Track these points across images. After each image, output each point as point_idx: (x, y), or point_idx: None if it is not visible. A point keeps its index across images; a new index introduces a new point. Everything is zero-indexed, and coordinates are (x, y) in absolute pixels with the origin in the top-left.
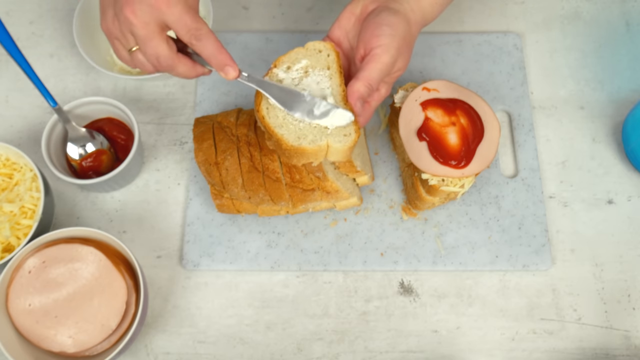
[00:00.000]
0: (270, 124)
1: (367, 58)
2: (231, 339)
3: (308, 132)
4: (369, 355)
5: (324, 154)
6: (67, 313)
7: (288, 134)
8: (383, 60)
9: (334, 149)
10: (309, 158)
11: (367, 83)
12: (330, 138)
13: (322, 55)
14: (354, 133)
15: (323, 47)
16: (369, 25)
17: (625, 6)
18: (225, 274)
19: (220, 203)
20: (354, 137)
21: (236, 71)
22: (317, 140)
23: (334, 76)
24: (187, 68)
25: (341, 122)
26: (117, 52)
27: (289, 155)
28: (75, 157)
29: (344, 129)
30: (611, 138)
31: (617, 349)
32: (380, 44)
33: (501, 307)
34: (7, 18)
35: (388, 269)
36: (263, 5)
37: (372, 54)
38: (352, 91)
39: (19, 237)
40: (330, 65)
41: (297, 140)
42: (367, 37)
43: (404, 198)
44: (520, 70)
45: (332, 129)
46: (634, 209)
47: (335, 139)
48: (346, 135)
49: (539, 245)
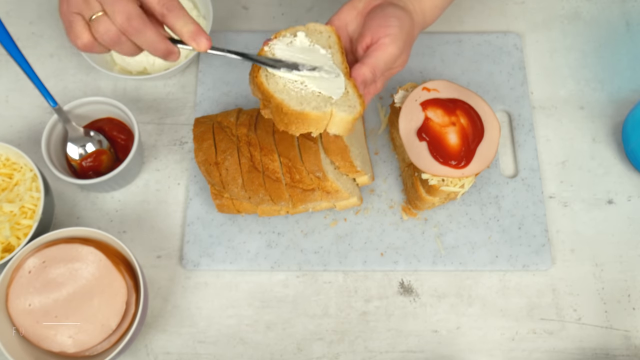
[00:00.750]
0: (270, 89)
1: (374, 46)
2: (231, 339)
3: (311, 99)
4: (369, 355)
5: (327, 122)
6: (67, 313)
7: (289, 99)
8: (390, 50)
9: (338, 119)
10: (310, 125)
11: (372, 69)
12: (335, 107)
13: (323, 36)
14: (359, 105)
15: (324, 29)
16: (377, 16)
17: (625, 6)
18: (225, 274)
19: (220, 203)
20: (358, 109)
21: (209, 41)
22: (321, 107)
23: (336, 55)
24: (156, 36)
25: (329, 78)
26: (73, 32)
27: (288, 122)
28: (75, 157)
29: (348, 100)
30: (611, 138)
31: (617, 349)
32: (388, 33)
33: (501, 307)
34: (7, 18)
35: (388, 269)
36: (263, 5)
37: (380, 42)
38: (357, 74)
39: (19, 237)
40: (331, 45)
41: (300, 105)
42: (375, 26)
43: (404, 198)
44: (520, 70)
45: (336, 98)
46: (634, 209)
47: (340, 108)
48: (350, 106)
49: (539, 245)
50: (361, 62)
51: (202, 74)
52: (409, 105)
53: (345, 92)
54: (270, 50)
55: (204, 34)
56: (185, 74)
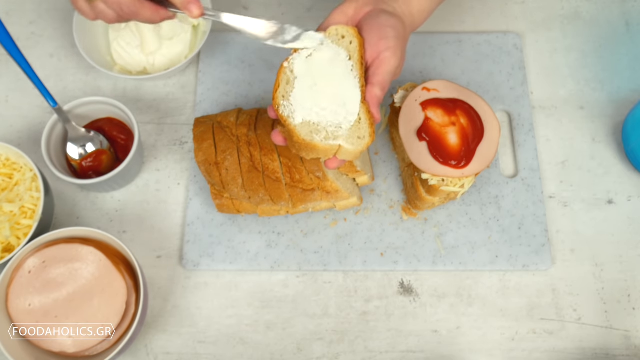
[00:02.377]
0: (285, 114)
1: (377, 62)
2: (231, 339)
3: (322, 129)
4: (369, 355)
5: (334, 152)
6: (67, 313)
7: (301, 127)
8: (393, 63)
9: (345, 150)
10: (318, 154)
11: (382, 87)
12: (343, 140)
13: (345, 41)
14: (369, 137)
15: (346, 33)
16: (372, 28)
17: (625, 6)
18: (225, 274)
19: (220, 203)
20: (367, 141)
21: (200, 9)
22: (329, 139)
23: (355, 67)
24: (151, 12)
25: (312, 44)
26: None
27: (299, 148)
28: (75, 157)
29: (359, 130)
30: (611, 138)
31: (617, 349)
32: (388, 46)
33: (501, 307)
34: (7, 18)
35: (388, 269)
36: (263, 5)
37: (382, 57)
38: (372, 97)
39: (19, 237)
40: (352, 53)
41: (310, 135)
42: (374, 40)
43: (404, 198)
44: (520, 70)
45: (346, 128)
46: (634, 209)
47: (349, 141)
48: (360, 138)
49: (539, 245)
50: (370, 84)
51: (202, 74)
52: (409, 105)
53: (357, 120)
54: (289, 66)
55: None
56: (185, 74)
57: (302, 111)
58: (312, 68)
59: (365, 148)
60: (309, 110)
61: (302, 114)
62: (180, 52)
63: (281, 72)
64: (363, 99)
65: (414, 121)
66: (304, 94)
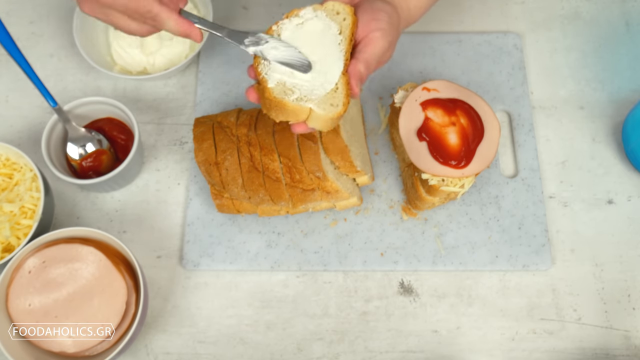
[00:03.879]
0: (261, 70)
1: (365, 41)
2: (231, 339)
3: (296, 90)
4: (369, 355)
5: (305, 116)
6: (67, 313)
7: (276, 86)
8: (381, 44)
9: (315, 115)
10: (288, 115)
11: (366, 64)
12: (315, 104)
13: (339, 17)
14: (342, 106)
15: (342, 10)
16: (366, 10)
17: (625, 6)
18: (225, 274)
19: (220, 203)
20: (339, 110)
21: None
22: (302, 100)
23: (343, 43)
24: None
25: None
26: (128, 28)
27: (269, 106)
28: (75, 157)
29: (333, 98)
30: (611, 138)
31: (617, 349)
32: (379, 27)
33: (501, 307)
34: (7, 18)
35: (388, 269)
36: (263, 5)
37: (371, 36)
38: (354, 71)
39: (19, 237)
40: (343, 29)
41: (282, 94)
42: (366, 20)
43: (404, 198)
44: (520, 70)
45: (320, 94)
46: (634, 209)
47: (320, 106)
48: (333, 105)
49: (539, 245)
50: (355, 58)
51: (202, 74)
52: (409, 105)
53: (334, 89)
54: (277, 29)
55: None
56: (185, 74)
57: (281, 72)
58: (300, 35)
59: (337, 117)
60: (288, 73)
61: (279, 75)
62: (180, 52)
63: (268, 33)
64: (345, 72)
65: (414, 121)
66: (252, 50)
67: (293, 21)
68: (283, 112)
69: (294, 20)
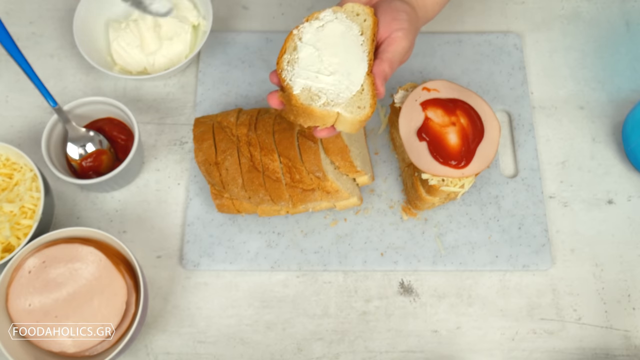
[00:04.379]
0: (287, 79)
1: (388, 41)
2: (231, 339)
3: (322, 96)
4: (369, 355)
5: (333, 120)
6: (67, 313)
7: (301, 92)
8: (403, 44)
9: (343, 119)
10: (315, 121)
11: (390, 64)
12: (342, 107)
13: (359, 18)
14: (369, 107)
15: (361, 11)
16: (386, 10)
17: (625, 6)
18: (225, 274)
19: (220, 203)
20: (367, 112)
21: None
22: (328, 105)
23: (365, 44)
24: None
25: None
26: None
27: (296, 113)
28: (75, 157)
29: (360, 100)
30: (611, 138)
31: (617, 349)
32: (401, 27)
33: (501, 307)
34: (7, 18)
35: (388, 269)
36: (263, 5)
37: (394, 36)
38: (378, 71)
39: (19, 237)
40: (364, 30)
41: (309, 100)
42: (387, 20)
43: (404, 198)
44: (520, 70)
45: (346, 97)
46: (634, 209)
47: (348, 109)
48: (360, 107)
49: (539, 245)
50: (379, 59)
51: (202, 74)
52: (409, 105)
53: (360, 90)
54: (298, 33)
55: None
56: (185, 74)
57: (305, 77)
58: (322, 38)
59: (365, 119)
60: (312, 77)
61: (304, 80)
62: (180, 52)
63: (289, 38)
64: (369, 72)
65: (414, 121)
66: (309, 61)
67: (313, 24)
68: (311, 118)
69: (314, 24)
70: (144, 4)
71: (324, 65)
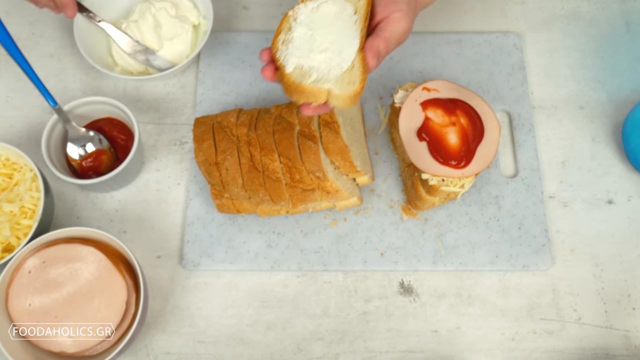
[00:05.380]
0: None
1: (386, 20)
2: (231, 339)
3: (313, 73)
4: (369, 355)
5: (325, 97)
6: (67, 313)
7: (294, 71)
8: (402, 24)
9: (334, 95)
10: (308, 97)
11: (386, 42)
12: (332, 84)
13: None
14: (359, 83)
15: None
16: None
17: (625, 6)
18: (225, 274)
19: (220, 203)
20: (357, 87)
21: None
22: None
23: (359, 21)
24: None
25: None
26: None
27: (290, 91)
28: (75, 157)
29: (350, 76)
30: (611, 138)
31: (617, 349)
32: (400, 8)
33: (501, 307)
34: (7, 18)
35: (388, 269)
36: (263, 5)
37: (392, 17)
38: (371, 46)
39: (19, 237)
40: (358, 9)
41: (300, 77)
42: (385, 2)
43: (404, 198)
44: (520, 70)
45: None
46: (634, 209)
47: (338, 85)
48: (350, 83)
49: (539, 245)
50: (375, 35)
51: (202, 74)
52: (409, 105)
53: (350, 67)
54: (293, 14)
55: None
56: (185, 74)
57: (298, 56)
58: (316, 18)
59: (354, 95)
60: (305, 56)
61: (297, 59)
62: (180, 52)
63: (284, 19)
64: (361, 49)
65: (414, 121)
66: (302, 40)
67: (308, 5)
68: (303, 95)
69: (309, 5)
70: (149, 60)
71: (317, 44)
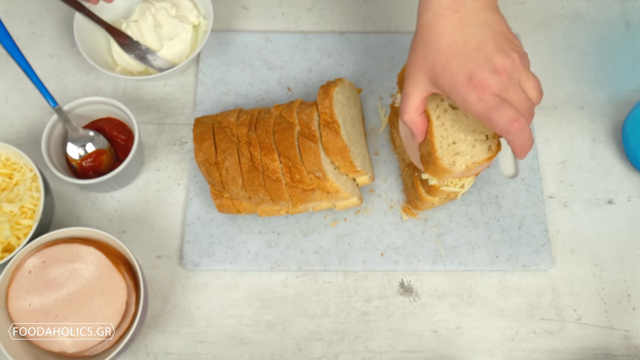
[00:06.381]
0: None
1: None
2: (231, 339)
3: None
4: (369, 355)
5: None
6: (67, 313)
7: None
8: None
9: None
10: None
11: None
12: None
13: None
14: (494, 146)
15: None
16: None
17: (625, 6)
18: (225, 274)
19: (220, 203)
20: (493, 151)
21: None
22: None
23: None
24: None
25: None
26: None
27: (433, 170)
28: (75, 157)
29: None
30: (611, 138)
31: (617, 349)
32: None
33: (501, 307)
34: (7, 18)
35: (388, 269)
36: (263, 5)
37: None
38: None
39: (19, 237)
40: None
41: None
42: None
43: (404, 198)
44: None
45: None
46: (634, 209)
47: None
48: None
49: (539, 245)
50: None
51: (202, 74)
52: None
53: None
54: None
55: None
56: (185, 74)
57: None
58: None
59: (492, 157)
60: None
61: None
62: (180, 52)
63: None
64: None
65: None
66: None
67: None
68: (439, 175)
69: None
70: (148, 59)
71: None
